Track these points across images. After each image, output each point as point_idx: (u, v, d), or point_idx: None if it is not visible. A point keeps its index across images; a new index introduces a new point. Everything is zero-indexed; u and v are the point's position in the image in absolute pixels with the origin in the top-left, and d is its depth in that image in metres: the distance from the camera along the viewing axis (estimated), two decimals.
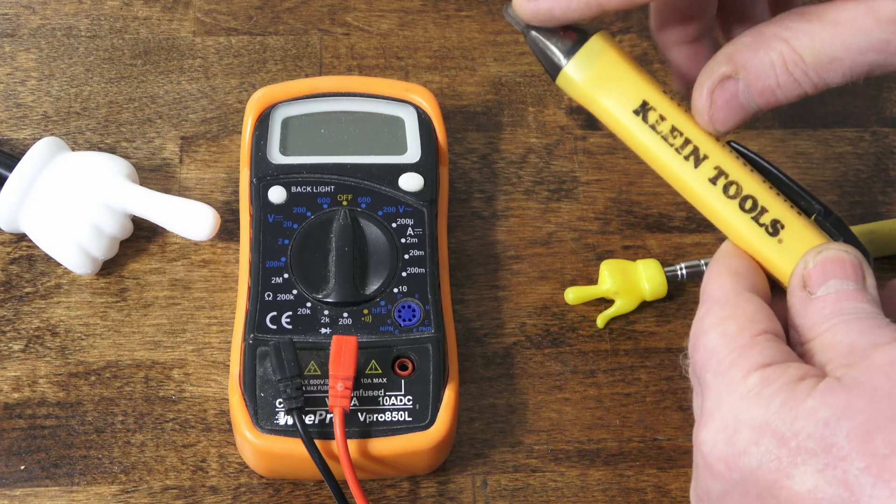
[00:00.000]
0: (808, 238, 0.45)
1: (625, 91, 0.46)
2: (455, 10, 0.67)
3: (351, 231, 0.55)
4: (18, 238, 0.59)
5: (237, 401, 0.52)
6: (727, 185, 0.46)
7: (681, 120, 0.46)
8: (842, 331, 0.40)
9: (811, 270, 0.42)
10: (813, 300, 0.42)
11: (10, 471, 0.54)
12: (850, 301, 0.41)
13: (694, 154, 0.46)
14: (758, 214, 0.45)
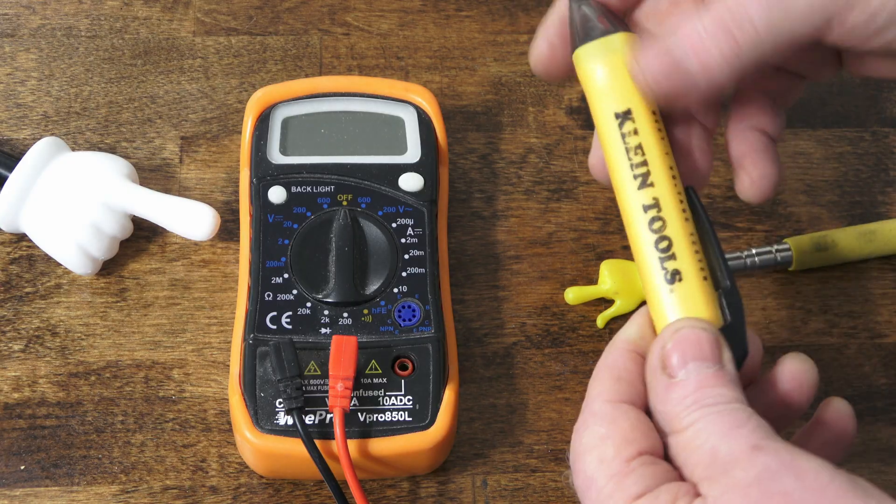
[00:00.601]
0: (694, 301, 0.44)
1: (617, 93, 0.46)
2: (455, 10, 0.67)
3: (351, 231, 0.55)
4: (18, 238, 0.59)
5: (237, 401, 0.52)
6: (654, 218, 0.45)
7: (650, 143, 0.46)
8: (704, 431, 0.40)
9: (669, 351, 0.42)
10: (673, 385, 0.41)
11: (10, 471, 0.54)
12: (711, 387, 0.41)
13: (643, 177, 0.46)
14: (665, 258, 0.45)
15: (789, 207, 0.62)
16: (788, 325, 0.59)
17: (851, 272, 0.61)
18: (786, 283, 0.60)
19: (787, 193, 0.62)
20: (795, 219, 0.62)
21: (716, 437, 0.39)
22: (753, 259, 0.59)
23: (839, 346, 0.59)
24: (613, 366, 0.43)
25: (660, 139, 0.46)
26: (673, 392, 0.41)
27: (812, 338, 0.59)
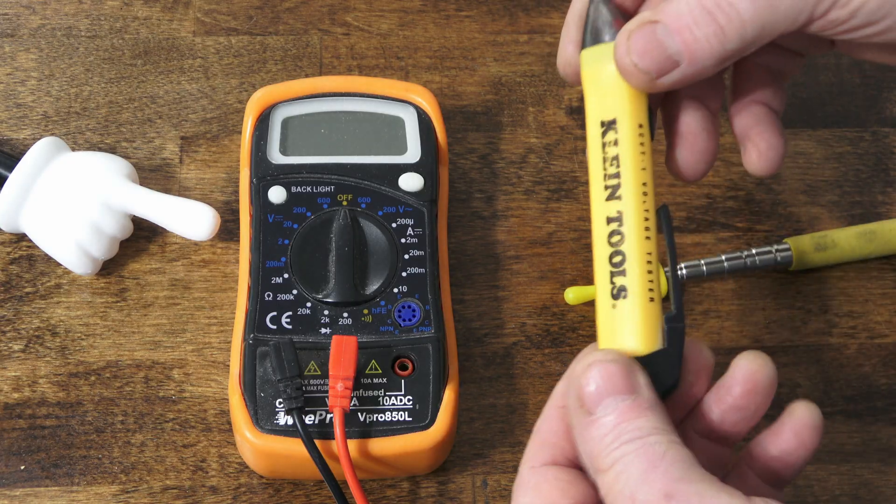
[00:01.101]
0: (633, 320, 0.44)
1: (607, 101, 0.46)
2: (455, 10, 0.67)
3: (351, 231, 0.55)
4: (18, 238, 0.59)
5: (237, 401, 0.52)
6: (614, 231, 0.45)
7: (628, 156, 0.45)
8: (623, 473, 0.39)
9: (584, 387, 0.41)
10: (593, 423, 0.41)
11: (10, 471, 0.54)
12: (629, 420, 0.40)
13: (613, 189, 0.45)
14: (616, 272, 0.44)
15: (789, 207, 0.62)
16: (788, 325, 0.59)
17: (851, 272, 0.61)
18: (786, 283, 0.60)
19: (787, 193, 0.62)
20: (795, 219, 0.62)
21: (633, 481, 0.39)
22: (753, 259, 0.59)
23: (839, 346, 0.59)
24: (540, 430, 0.43)
25: (639, 154, 0.45)
26: (593, 430, 0.41)
27: (812, 338, 0.59)
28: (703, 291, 0.60)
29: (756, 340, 0.59)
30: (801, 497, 0.55)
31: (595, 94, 0.46)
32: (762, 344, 0.58)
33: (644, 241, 0.45)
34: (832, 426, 0.57)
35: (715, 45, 0.44)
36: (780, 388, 0.58)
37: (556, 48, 0.67)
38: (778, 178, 0.63)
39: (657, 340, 0.44)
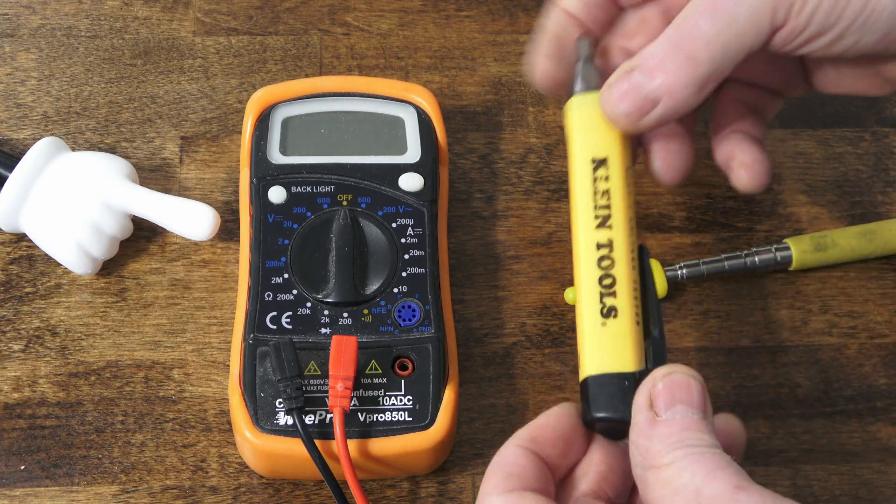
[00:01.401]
0: (622, 339, 0.47)
1: (599, 141, 0.50)
2: (455, 10, 0.67)
3: (351, 231, 0.55)
4: (18, 238, 0.59)
5: (237, 401, 0.52)
6: (605, 257, 0.48)
7: (618, 191, 0.49)
8: (687, 470, 0.41)
9: (659, 391, 0.43)
10: (658, 423, 0.42)
11: (10, 471, 0.54)
12: (695, 431, 0.42)
13: (604, 219, 0.49)
14: (607, 293, 0.48)
15: (789, 207, 0.62)
16: (788, 325, 0.59)
17: (851, 272, 0.61)
18: (786, 283, 0.60)
19: (786, 193, 0.62)
20: (795, 219, 0.62)
21: (700, 477, 0.40)
22: (753, 259, 0.59)
23: (839, 346, 0.59)
24: (504, 462, 0.44)
25: (627, 193, 0.49)
26: (657, 429, 0.42)
27: (812, 338, 0.59)
28: (703, 291, 0.60)
29: (756, 340, 0.59)
30: (801, 497, 0.55)
31: (586, 135, 0.50)
32: (762, 344, 0.58)
33: (631, 271, 0.48)
34: (832, 426, 0.57)
35: (688, 72, 0.47)
36: (779, 388, 0.58)
37: None
38: (778, 178, 0.63)
39: (642, 361, 0.47)
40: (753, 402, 0.57)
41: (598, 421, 0.47)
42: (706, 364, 0.58)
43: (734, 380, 0.58)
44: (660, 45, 0.47)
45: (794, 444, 0.56)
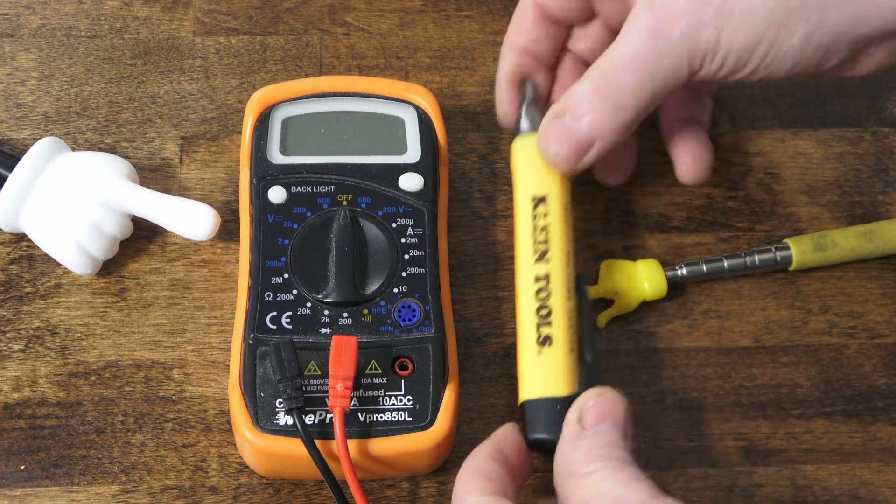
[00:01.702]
0: (556, 364, 0.51)
1: (539, 180, 0.54)
2: (455, 10, 0.67)
3: (351, 231, 0.55)
4: (18, 238, 0.59)
5: (237, 401, 0.52)
6: (542, 289, 0.52)
7: (556, 227, 0.53)
8: (608, 479, 0.44)
9: (590, 408, 0.47)
10: (585, 436, 0.46)
11: (10, 471, 0.54)
12: (616, 448, 0.46)
13: (542, 253, 0.53)
14: (543, 323, 0.52)
15: (789, 207, 0.62)
16: (788, 325, 0.59)
17: (851, 272, 0.61)
18: (786, 283, 0.60)
19: (786, 193, 0.62)
20: (795, 219, 0.62)
21: (620, 486, 0.44)
22: (753, 259, 0.59)
23: (839, 346, 0.59)
24: (482, 468, 0.47)
25: (565, 228, 0.54)
26: (583, 441, 0.46)
27: (812, 338, 0.59)
28: (703, 291, 0.60)
29: (756, 340, 0.59)
30: (801, 497, 0.55)
31: (527, 174, 0.55)
32: (762, 344, 0.58)
33: (567, 301, 0.52)
34: (832, 426, 0.57)
35: (615, 119, 0.52)
36: (779, 388, 0.58)
37: None
38: (778, 178, 0.63)
39: (574, 385, 0.51)
40: (753, 402, 0.57)
41: (534, 442, 0.50)
42: (706, 364, 0.58)
43: (734, 380, 0.58)
44: (587, 93, 0.51)
45: (794, 444, 0.56)
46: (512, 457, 0.49)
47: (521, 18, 0.58)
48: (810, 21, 0.49)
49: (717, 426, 0.56)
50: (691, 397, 0.57)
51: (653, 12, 0.50)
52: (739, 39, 0.49)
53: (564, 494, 0.46)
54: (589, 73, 0.52)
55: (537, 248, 0.53)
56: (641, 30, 0.50)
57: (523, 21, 0.57)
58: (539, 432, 0.50)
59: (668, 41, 0.50)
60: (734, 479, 0.55)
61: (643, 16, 0.50)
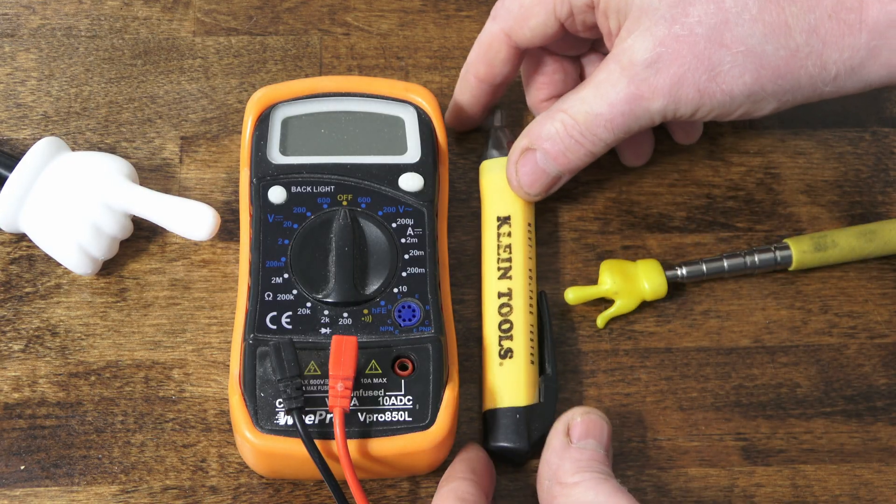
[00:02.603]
0: (517, 376, 0.54)
1: (504, 201, 0.58)
2: (455, 10, 0.67)
3: (351, 231, 0.55)
4: (18, 238, 0.59)
5: (237, 401, 0.52)
6: (504, 304, 0.56)
7: (518, 246, 0.57)
8: (592, 490, 0.48)
9: (577, 423, 0.51)
10: (571, 448, 0.50)
11: (10, 471, 0.54)
12: (599, 462, 0.49)
13: (505, 270, 0.56)
14: (504, 337, 0.55)
15: (789, 207, 0.62)
16: (788, 325, 0.59)
17: (851, 272, 0.61)
18: (786, 283, 0.60)
19: (786, 193, 0.62)
20: (795, 219, 0.62)
21: (603, 496, 0.47)
22: (753, 259, 0.59)
23: (839, 346, 0.59)
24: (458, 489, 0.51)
25: (527, 245, 0.57)
26: (570, 452, 0.50)
27: (812, 338, 0.59)
28: (703, 291, 0.60)
29: (756, 340, 0.59)
30: (801, 497, 0.55)
31: (493, 195, 0.58)
32: (762, 344, 0.58)
33: (529, 315, 0.55)
34: (832, 426, 0.57)
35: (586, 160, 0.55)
36: (779, 388, 0.58)
37: None
38: (778, 178, 0.63)
39: (535, 395, 0.54)
40: (753, 402, 0.57)
41: (496, 449, 0.54)
42: (706, 364, 0.58)
43: (734, 380, 0.58)
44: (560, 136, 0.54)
45: (794, 444, 0.56)
46: (481, 473, 0.51)
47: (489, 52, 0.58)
48: (782, 99, 0.52)
49: (717, 426, 0.56)
50: (691, 397, 0.57)
51: (634, 82, 0.52)
52: (714, 113, 0.53)
53: (551, 498, 0.49)
54: (560, 116, 0.54)
55: (501, 265, 0.56)
56: (619, 94, 0.53)
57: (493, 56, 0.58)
58: (500, 440, 0.54)
59: (647, 109, 0.53)
60: (734, 479, 0.55)
61: (620, 80, 0.52)
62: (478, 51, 0.59)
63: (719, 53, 0.51)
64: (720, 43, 0.51)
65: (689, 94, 0.52)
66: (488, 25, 0.58)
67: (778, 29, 0.50)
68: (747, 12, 0.50)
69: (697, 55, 0.51)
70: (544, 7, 0.56)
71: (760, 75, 0.51)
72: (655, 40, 0.51)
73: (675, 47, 0.51)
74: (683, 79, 0.51)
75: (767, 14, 0.50)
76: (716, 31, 0.51)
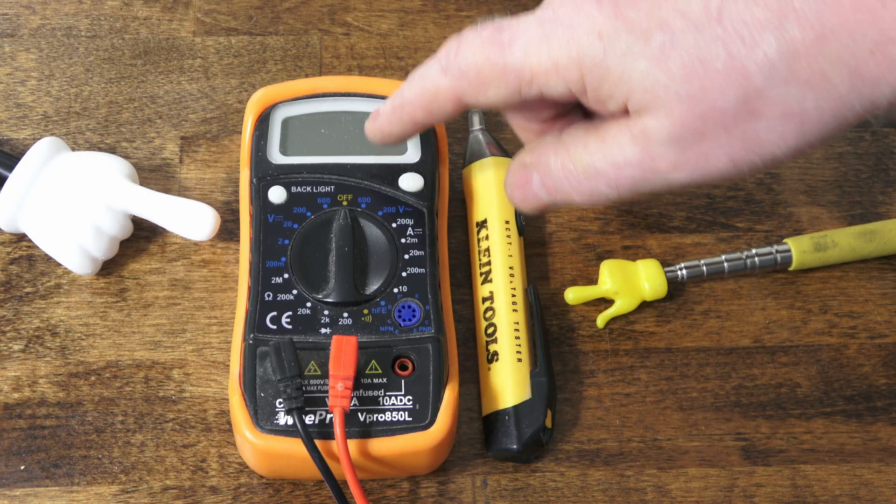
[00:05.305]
0: (504, 377, 0.54)
1: (481, 205, 0.58)
2: (455, 10, 0.67)
3: (351, 231, 0.55)
4: (18, 238, 0.59)
5: (237, 401, 0.52)
6: (488, 308, 0.56)
7: (496, 248, 0.57)
8: None
9: None
10: None
11: (10, 471, 0.54)
12: None
13: (486, 274, 0.57)
14: (490, 341, 0.55)
15: (789, 207, 0.62)
16: (788, 325, 0.59)
17: (851, 272, 0.61)
18: (786, 283, 0.60)
19: (787, 193, 0.63)
20: (795, 219, 0.62)
21: None
22: (753, 259, 0.59)
23: (839, 346, 0.59)
24: None
25: (506, 244, 0.57)
26: None
27: (812, 338, 0.59)
28: (703, 291, 0.60)
29: (756, 340, 0.59)
30: (801, 497, 0.55)
31: (472, 201, 0.59)
32: (762, 344, 0.58)
33: (511, 314, 0.55)
34: (832, 426, 0.57)
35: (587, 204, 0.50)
36: (779, 388, 0.58)
37: None
38: (778, 178, 0.63)
39: (525, 392, 0.54)
40: (753, 402, 0.57)
41: (494, 455, 0.54)
42: (706, 364, 0.58)
43: (734, 380, 0.58)
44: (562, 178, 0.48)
45: (794, 444, 0.56)
46: None
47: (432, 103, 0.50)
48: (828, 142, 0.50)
49: (717, 426, 0.56)
50: (691, 397, 0.57)
51: (649, 154, 0.46)
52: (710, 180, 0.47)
53: None
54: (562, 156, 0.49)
55: (482, 269, 0.57)
56: (628, 159, 0.46)
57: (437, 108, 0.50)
58: (493, 445, 0.54)
59: (665, 179, 0.47)
60: (734, 479, 0.55)
61: (631, 147, 0.46)
62: (420, 96, 0.50)
63: (753, 123, 0.44)
64: (751, 112, 0.44)
65: (720, 165, 0.46)
66: (435, 75, 0.49)
67: (815, 82, 0.43)
68: (776, 74, 0.43)
69: (727, 128, 0.45)
70: (506, 84, 0.47)
71: (804, 132, 0.45)
72: (673, 120, 0.45)
73: (698, 126, 0.45)
74: (712, 153, 0.45)
75: (800, 69, 0.43)
76: (744, 103, 0.44)
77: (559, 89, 0.47)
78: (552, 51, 0.46)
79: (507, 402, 0.54)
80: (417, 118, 0.51)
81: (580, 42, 0.45)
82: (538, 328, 0.56)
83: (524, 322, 0.55)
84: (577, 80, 0.46)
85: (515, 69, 0.47)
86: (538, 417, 0.53)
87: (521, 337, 0.55)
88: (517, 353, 0.55)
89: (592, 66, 0.45)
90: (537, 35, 0.46)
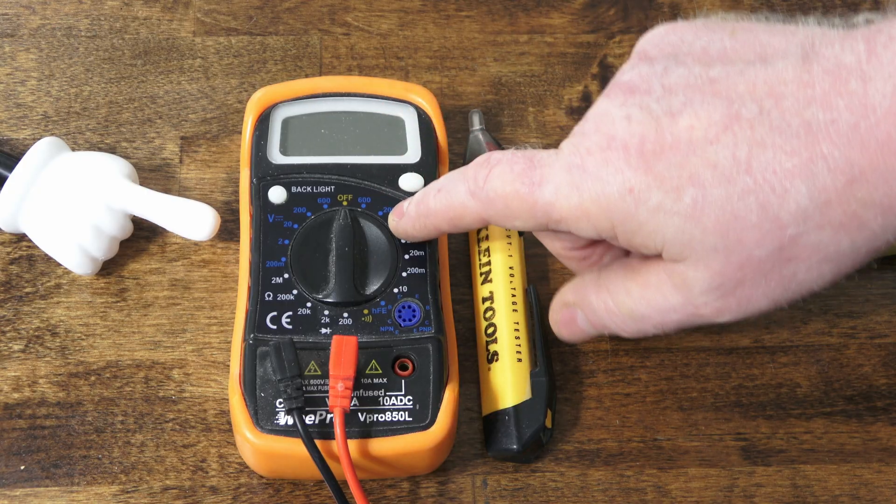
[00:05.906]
0: (504, 377, 0.54)
1: None
2: (455, 10, 0.67)
3: (351, 231, 0.55)
4: (18, 238, 0.59)
5: (237, 401, 0.52)
6: (488, 308, 0.56)
7: (496, 245, 0.57)
8: None
9: None
10: None
11: (10, 471, 0.54)
12: None
13: (485, 275, 0.57)
14: (490, 341, 0.55)
15: None
16: (788, 325, 0.59)
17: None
18: None
19: None
20: None
21: None
22: None
23: (839, 346, 0.59)
24: None
25: (505, 244, 0.57)
26: None
27: (812, 338, 0.59)
28: None
29: (756, 340, 0.59)
30: (801, 497, 0.55)
31: None
32: (762, 344, 0.58)
33: (511, 314, 0.55)
34: (832, 426, 0.57)
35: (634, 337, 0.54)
36: (779, 388, 0.58)
37: (556, 48, 0.67)
38: None
39: (525, 392, 0.54)
40: (753, 402, 0.57)
41: (494, 455, 0.54)
42: (706, 364, 0.58)
43: (734, 380, 0.58)
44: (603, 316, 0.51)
45: (794, 444, 0.56)
46: None
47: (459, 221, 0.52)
48: None
49: (717, 426, 0.56)
50: (691, 397, 0.57)
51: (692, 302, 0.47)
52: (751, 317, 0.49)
53: None
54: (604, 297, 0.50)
55: (482, 269, 0.57)
56: (671, 304, 0.48)
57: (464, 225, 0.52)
58: (493, 445, 0.54)
59: (709, 320, 0.48)
60: (734, 479, 0.55)
61: (673, 295, 0.48)
62: (446, 212, 0.51)
63: (790, 267, 0.45)
64: (788, 258, 0.45)
65: (761, 305, 0.47)
66: (463, 196, 0.50)
67: (849, 225, 0.44)
68: (810, 221, 0.44)
69: (765, 274, 0.45)
70: (535, 219, 0.48)
71: (841, 269, 0.46)
72: (712, 272, 0.46)
73: (737, 275, 0.46)
74: (753, 296, 0.46)
75: (833, 215, 0.44)
76: (780, 251, 0.45)
77: (589, 233, 0.48)
78: (583, 200, 0.47)
79: (507, 402, 0.54)
80: (442, 228, 0.52)
81: (611, 197, 0.46)
82: (538, 328, 0.55)
83: (524, 322, 0.55)
84: (608, 229, 0.47)
85: (544, 209, 0.48)
86: (538, 417, 0.53)
87: (521, 337, 0.55)
88: (517, 353, 0.55)
89: (624, 219, 0.46)
90: (567, 182, 0.47)
